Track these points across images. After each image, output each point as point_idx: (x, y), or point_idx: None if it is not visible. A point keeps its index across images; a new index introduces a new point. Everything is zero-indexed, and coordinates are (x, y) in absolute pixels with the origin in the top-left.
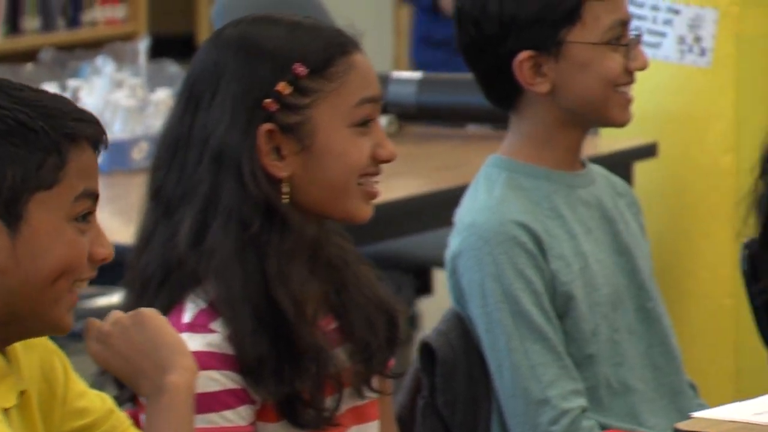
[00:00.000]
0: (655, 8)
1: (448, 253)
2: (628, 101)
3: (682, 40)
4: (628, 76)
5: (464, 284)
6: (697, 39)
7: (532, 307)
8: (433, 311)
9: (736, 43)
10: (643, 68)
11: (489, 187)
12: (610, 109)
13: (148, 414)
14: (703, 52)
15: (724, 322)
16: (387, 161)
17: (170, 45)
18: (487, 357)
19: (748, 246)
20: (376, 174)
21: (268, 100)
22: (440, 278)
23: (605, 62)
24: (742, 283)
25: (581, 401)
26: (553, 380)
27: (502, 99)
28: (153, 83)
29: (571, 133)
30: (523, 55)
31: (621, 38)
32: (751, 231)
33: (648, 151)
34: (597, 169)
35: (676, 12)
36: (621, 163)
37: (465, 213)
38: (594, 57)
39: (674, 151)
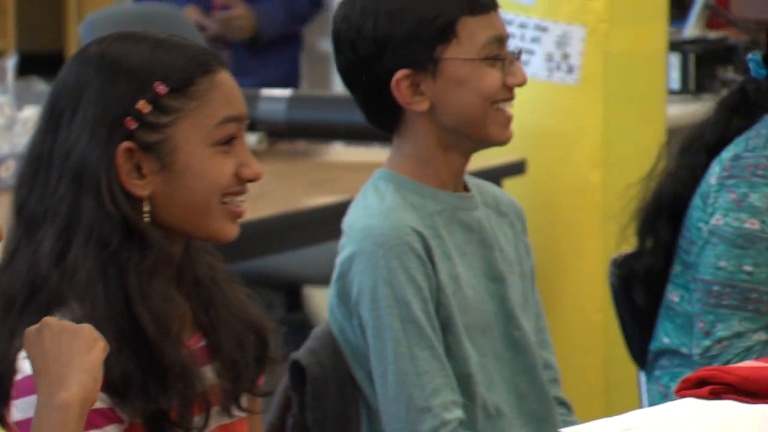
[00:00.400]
0: (523, 26)
1: (339, 258)
2: (507, 119)
3: (550, 57)
4: (507, 92)
5: (354, 288)
6: (565, 56)
7: (422, 314)
8: (303, 329)
9: (604, 61)
10: (521, 84)
11: (379, 195)
12: (489, 126)
13: (35, 424)
14: (571, 70)
15: (593, 337)
16: (251, 180)
17: (39, 62)
18: (372, 362)
19: (616, 262)
20: (241, 193)
21: (128, 119)
22: (311, 296)
23: (483, 78)
24: (611, 298)
25: (460, 413)
26: (437, 389)
27: (383, 120)
28: (21, 101)
29: (453, 154)
30: (400, 74)
31: (498, 54)
32: (627, 244)
33: (516, 168)
34: (483, 187)
35: (544, 29)
36: (490, 181)
37: (356, 219)
38: (471, 73)
39: (543, 168)
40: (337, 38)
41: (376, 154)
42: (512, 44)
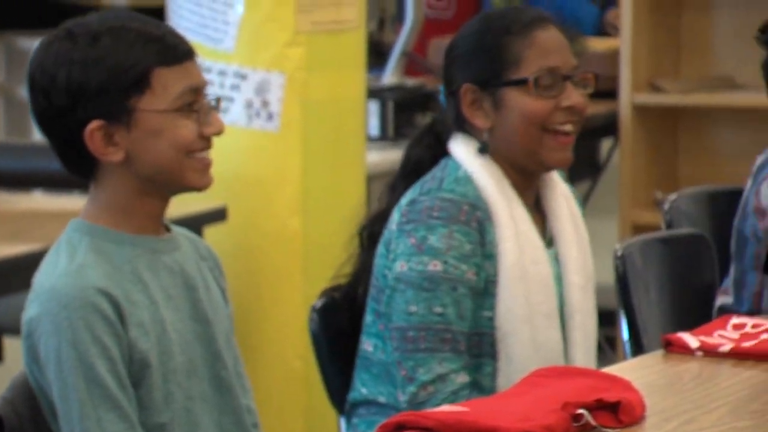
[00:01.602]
0: (222, 73)
1: (25, 318)
2: (206, 165)
3: (249, 104)
4: (203, 141)
5: (41, 350)
6: (265, 103)
7: (107, 375)
8: (4, 379)
9: (303, 108)
10: (218, 133)
11: (71, 252)
12: (186, 174)
13: None
14: (270, 117)
15: (294, 383)
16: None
17: None
18: (60, 423)
19: (316, 308)
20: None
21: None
22: (10, 345)
23: (176, 129)
24: (312, 345)
25: None
26: None
27: (80, 168)
28: None
29: (151, 201)
30: (93, 125)
31: (193, 104)
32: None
33: (217, 215)
34: (183, 233)
35: (244, 77)
36: (191, 228)
37: (45, 278)
38: (165, 125)
39: (243, 215)
40: (31, 86)
41: (77, 202)
42: (212, 92)
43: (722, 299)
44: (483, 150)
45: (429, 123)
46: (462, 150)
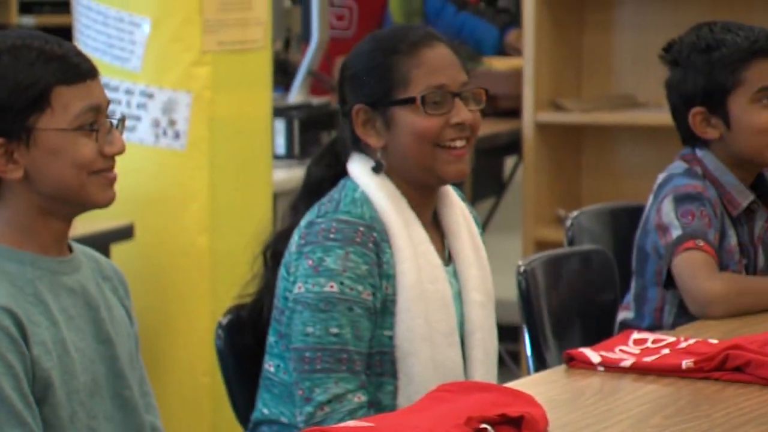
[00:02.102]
0: (129, 92)
1: None
2: (110, 181)
3: (156, 123)
4: (105, 160)
5: None
6: (172, 122)
7: (12, 392)
8: None
9: (209, 126)
10: (119, 152)
11: None
12: (88, 191)
13: None
14: (177, 135)
15: (201, 400)
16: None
17: None
18: None
19: (222, 325)
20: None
21: None
22: None
23: (77, 149)
24: (218, 362)
25: None
26: None
27: None
28: None
29: (54, 221)
30: None
31: (94, 124)
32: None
33: (125, 233)
34: (87, 252)
35: (151, 96)
36: (98, 246)
37: None
38: (65, 144)
39: (151, 233)
40: None
41: None
42: (119, 111)
43: (623, 314)
44: (377, 169)
45: (329, 142)
46: (358, 169)
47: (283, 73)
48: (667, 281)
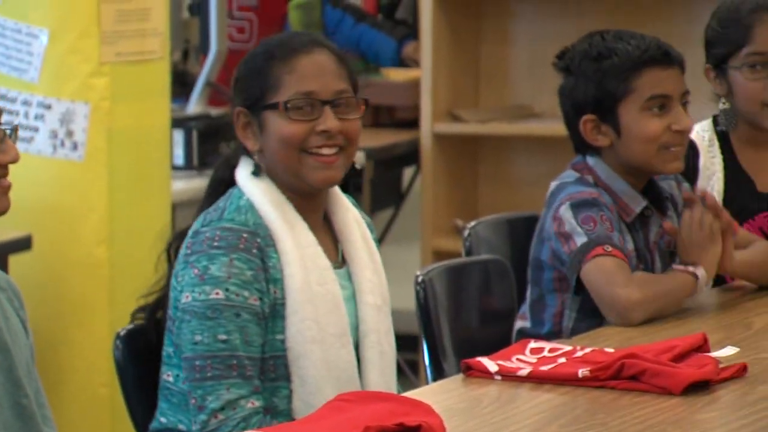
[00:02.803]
0: (27, 103)
1: None
2: (4, 189)
3: (54, 134)
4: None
5: None
6: (70, 133)
7: None
8: None
9: (108, 137)
10: (12, 161)
11: None
12: None
13: None
14: (75, 146)
15: (100, 411)
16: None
17: None
18: None
19: (120, 336)
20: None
21: None
22: None
23: None
24: (117, 372)
25: None
26: None
27: None
28: None
29: None
30: None
31: None
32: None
33: (23, 244)
34: None
35: (48, 107)
36: None
37: None
38: None
39: (49, 244)
40: None
41: None
42: (17, 121)
43: (520, 323)
44: (256, 173)
45: (234, 148)
46: (243, 174)
47: (181, 84)
48: (577, 287)
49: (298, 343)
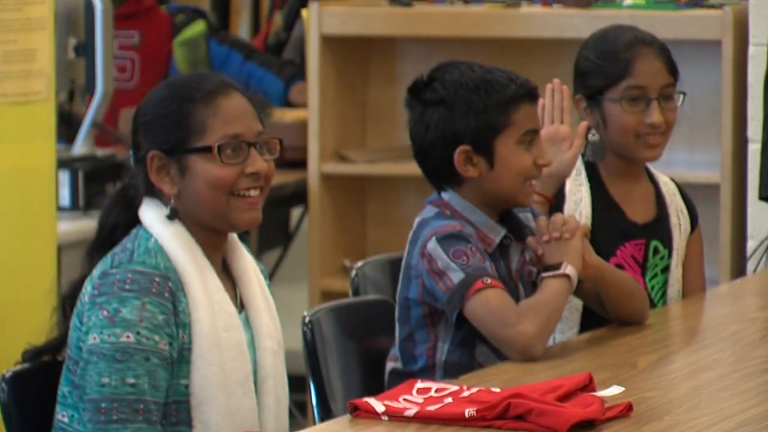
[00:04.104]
0: None
1: None
2: None
3: None
4: None
5: None
6: None
7: None
8: None
9: None
10: None
11: None
12: None
13: None
14: None
15: None
16: None
17: None
18: None
19: (5, 378)
20: None
21: None
22: None
23: None
24: (2, 415)
25: None
26: None
27: None
28: None
29: None
30: None
31: None
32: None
33: None
34: None
35: None
36: None
37: None
38: None
39: None
40: None
41: None
42: None
43: (391, 365)
44: (171, 216)
45: (119, 189)
46: (151, 217)
47: (67, 125)
48: (457, 323)
49: (203, 388)
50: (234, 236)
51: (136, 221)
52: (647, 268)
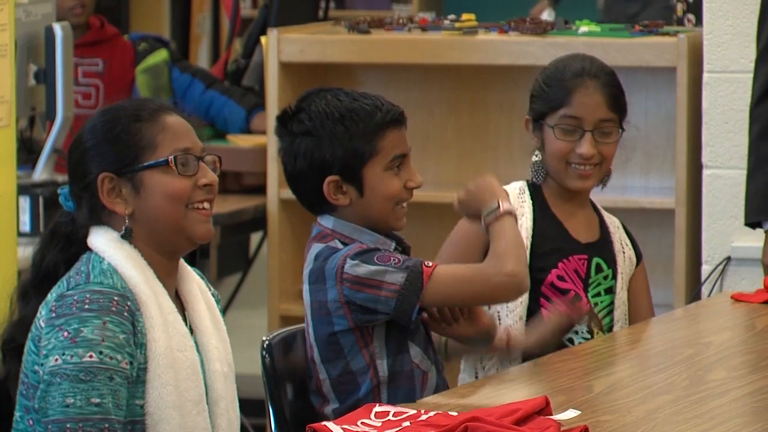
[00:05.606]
0: None
1: None
2: None
3: None
4: None
5: None
6: None
7: None
8: None
9: None
10: None
11: None
12: None
13: None
14: None
15: None
16: None
17: None
18: None
19: None
20: None
21: None
22: None
23: None
24: None
25: None
26: None
27: None
28: None
29: None
30: None
31: None
32: None
33: None
34: None
35: None
36: None
37: None
38: None
39: None
40: None
41: None
42: None
43: (328, 408)
44: (126, 236)
45: (51, 228)
46: (102, 241)
47: (28, 151)
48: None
49: (159, 408)
50: (182, 262)
51: (78, 255)
52: (589, 283)
